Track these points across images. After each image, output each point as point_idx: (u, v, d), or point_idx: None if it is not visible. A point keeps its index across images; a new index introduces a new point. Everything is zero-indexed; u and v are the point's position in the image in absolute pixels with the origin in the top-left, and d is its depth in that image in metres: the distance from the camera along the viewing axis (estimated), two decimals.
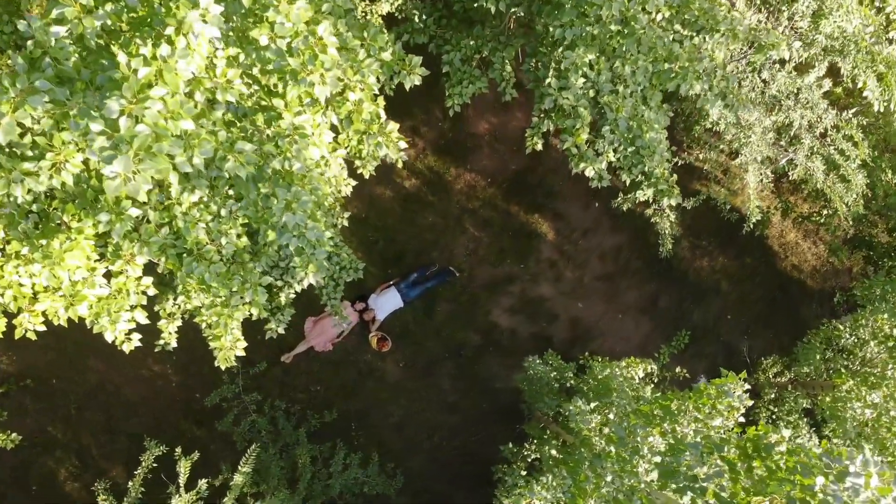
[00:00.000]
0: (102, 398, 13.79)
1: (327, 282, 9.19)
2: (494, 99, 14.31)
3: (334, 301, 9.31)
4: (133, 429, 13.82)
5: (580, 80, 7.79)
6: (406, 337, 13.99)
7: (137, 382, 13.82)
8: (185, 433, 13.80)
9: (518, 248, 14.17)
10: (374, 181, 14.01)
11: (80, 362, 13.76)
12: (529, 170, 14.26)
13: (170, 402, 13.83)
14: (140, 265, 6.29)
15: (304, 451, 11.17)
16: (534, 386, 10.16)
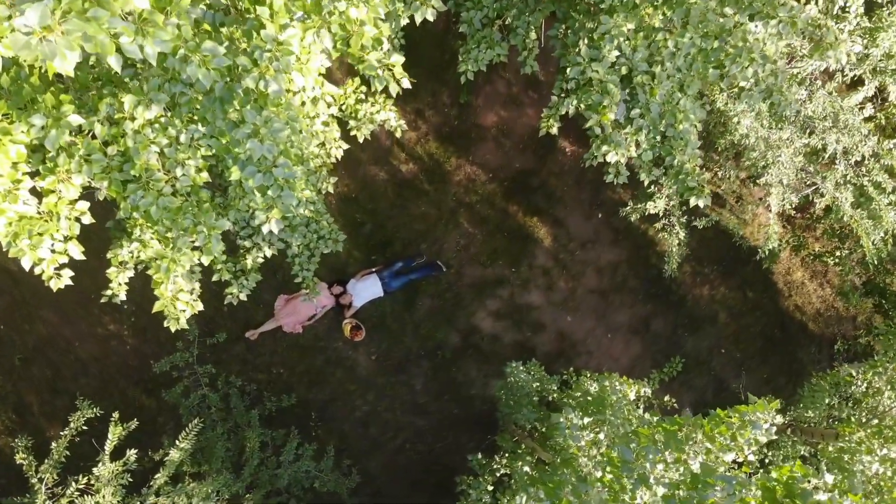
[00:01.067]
0: (51, 353, 12.63)
1: (301, 250, 8.12)
2: (507, 91, 13.30)
3: (307, 273, 8.23)
4: (79, 389, 12.64)
5: (613, 52, 6.76)
6: (382, 329, 12.90)
7: (90, 341, 12.66)
8: (133, 401, 12.65)
9: (512, 250, 13.13)
10: (368, 161, 12.97)
11: (33, 312, 12.61)
12: (533, 170, 13.24)
13: (121, 366, 12.68)
14: (77, 186, 5.19)
15: (255, 435, 10.05)
16: (513, 395, 9.10)
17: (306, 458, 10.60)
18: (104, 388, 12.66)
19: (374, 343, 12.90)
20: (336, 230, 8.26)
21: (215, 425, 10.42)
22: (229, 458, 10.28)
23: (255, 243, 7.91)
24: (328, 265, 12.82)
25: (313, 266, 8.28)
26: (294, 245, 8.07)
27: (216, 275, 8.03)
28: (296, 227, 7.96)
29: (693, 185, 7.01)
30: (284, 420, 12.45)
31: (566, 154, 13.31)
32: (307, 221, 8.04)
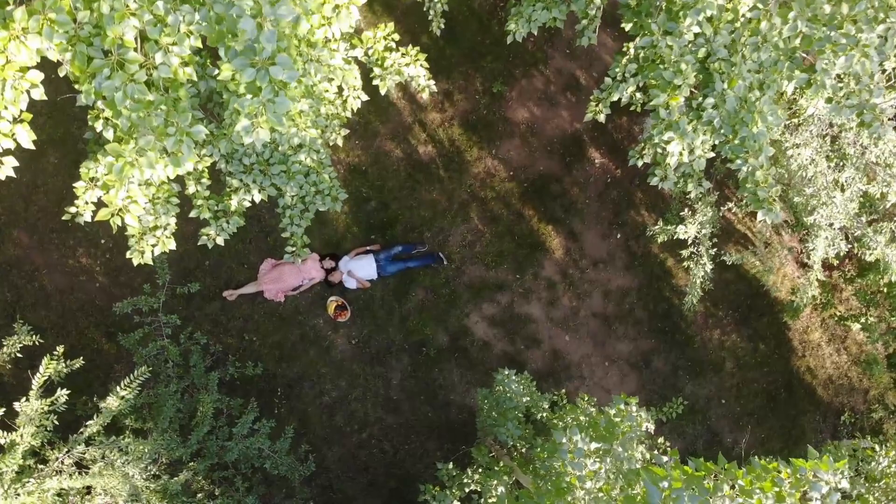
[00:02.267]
0: (15, 277, 11.58)
1: (295, 202, 7.09)
2: (543, 88, 12.31)
3: (297, 229, 7.21)
4: (37, 321, 11.58)
5: (694, 28, 5.75)
6: (367, 313, 11.85)
7: (59, 272, 11.62)
8: (91, 342, 11.59)
9: (519, 256, 12.10)
10: (386, 135, 11.97)
11: (4, 230, 11.58)
12: (557, 177, 12.23)
13: (86, 304, 11.63)
14: (32, 50, 4.17)
15: (210, 399, 8.98)
16: (498, 406, 8.04)
17: (262, 434, 9.52)
18: (63, 324, 11.61)
19: (356, 327, 11.85)
20: (337, 187, 7.24)
21: (169, 381, 9.35)
22: (178, 420, 9.21)
23: (245, 184, 6.89)
24: (323, 237, 11.80)
25: (305, 222, 7.25)
26: (288, 195, 7.04)
27: (195, 210, 7.00)
28: (293, 175, 6.94)
29: (763, 197, 5.99)
30: (246, 390, 11.39)
31: (594, 165, 12.32)
32: (307, 171, 7.02)
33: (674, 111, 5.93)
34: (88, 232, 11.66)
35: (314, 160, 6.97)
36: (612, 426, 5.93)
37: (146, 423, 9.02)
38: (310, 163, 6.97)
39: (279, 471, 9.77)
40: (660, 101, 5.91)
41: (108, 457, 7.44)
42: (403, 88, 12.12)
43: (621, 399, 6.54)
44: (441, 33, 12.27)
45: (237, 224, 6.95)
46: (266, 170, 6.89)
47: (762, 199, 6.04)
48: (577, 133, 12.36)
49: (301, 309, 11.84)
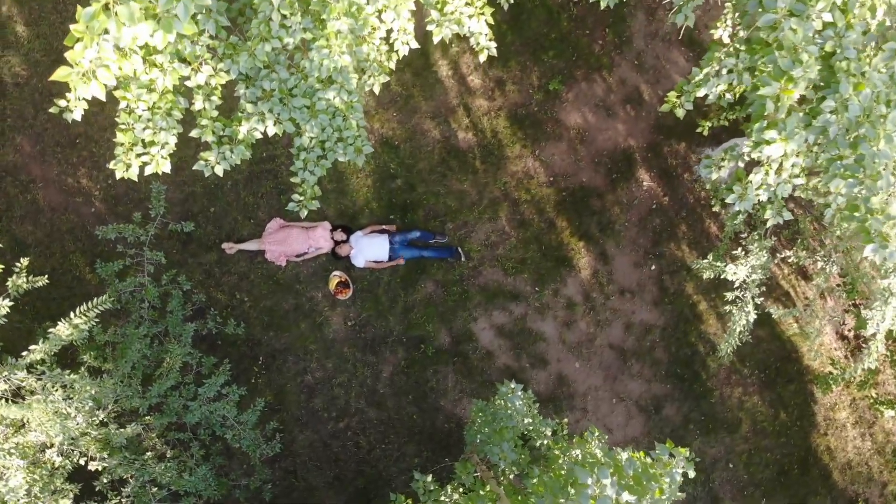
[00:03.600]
0: (9, 185, 10.68)
1: (314, 145, 6.08)
2: (603, 95, 11.29)
3: (310, 177, 6.21)
4: (22, 235, 10.67)
5: (825, 15, 4.70)
6: (370, 296, 10.84)
7: (55, 188, 10.71)
8: (73, 269, 10.66)
9: (542, 268, 11.05)
10: (427, 112, 10.98)
11: (8, 133, 10.69)
12: (599, 192, 11.19)
13: (76, 228, 10.71)
14: None
15: (180, 352, 7.99)
16: (495, 422, 6.99)
17: (230, 401, 8.51)
18: (48, 244, 10.69)
19: (355, 308, 10.83)
20: (364, 138, 6.23)
21: (141, 323, 8.36)
22: (141, 367, 8.23)
23: (260, 112, 5.90)
24: (339, 207, 10.82)
25: (320, 171, 6.25)
26: (307, 135, 6.05)
27: (197, 129, 6.02)
28: (317, 113, 5.95)
29: (876, 230, 4.91)
30: (225, 352, 10.41)
31: (641, 187, 11.26)
32: (334, 112, 6.02)
33: (784, 106, 4.87)
34: (94, 153, 10.76)
35: (344, 101, 5.97)
36: (646, 478, 4.87)
37: (106, 362, 8.03)
38: (338, 103, 5.98)
39: (241, 445, 8.75)
40: (770, 90, 4.84)
41: (48, 390, 6.45)
42: (454, 65, 11.15)
43: (667, 448, 5.45)
44: (505, 17, 11.31)
45: (242, 155, 5.96)
46: (287, 100, 5.90)
47: (874, 231, 4.96)
48: (629, 150, 11.32)
49: (301, 278, 10.85)
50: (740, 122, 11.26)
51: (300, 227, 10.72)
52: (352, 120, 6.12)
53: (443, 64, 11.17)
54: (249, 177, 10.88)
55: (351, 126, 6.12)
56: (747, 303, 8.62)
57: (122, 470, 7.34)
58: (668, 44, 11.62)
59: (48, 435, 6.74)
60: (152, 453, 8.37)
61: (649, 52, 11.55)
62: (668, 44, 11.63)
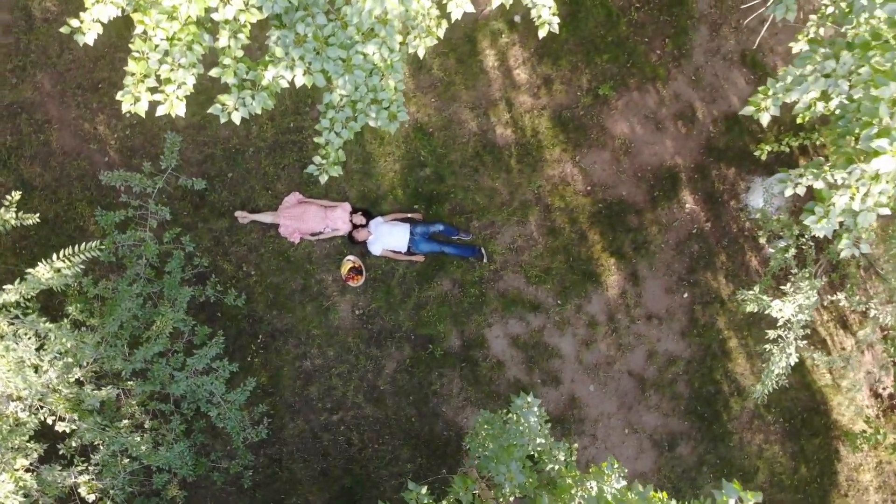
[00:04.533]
0: (23, 122, 10.11)
1: (344, 104, 5.40)
2: (655, 108, 10.56)
3: (335, 139, 5.53)
4: (30, 176, 10.10)
5: None
6: (382, 287, 10.15)
7: (70, 131, 10.14)
8: (78, 217, 10.08)
9: (568, 280, 10.32)
10: (467, 102, 10.31)
11: (30, 70, 10.15)
12: (638, 209, 10.46)
13: (86, 175, 10.13)
14: None
15: (172, 317, 7.32)
16: (503, 438, 6.26)
17: (220, 377, 7.83)
18: (55, 189, 10.11)
19: (365, 297, 10.14)
20: (401, 103, 5.55)
21: (135, 280, 7.70)
22: (130, 328, 7.57)
23: (291, 58, 5.22)
24: (362, 189, 10.15)
25: (348, 134, 5.57)
26: (338, 91, 5.37)
27: (217, 69, 5.35)
28: (352, 68, 5.27)
29: None
30: (221, 323, 9.77)
31: (683, 209, 10.52)
32: (371, 69, 5.34)
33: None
34: (115, 100, 10.13)
35: (384, 59, 5.29)
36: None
37: (92, 317, 7.38)
38: (377, 60, 5.30)
39: (225, 425, 8.06)
40: (887, 92, 4.11)
41: (20, 336, 5.80)
42: (502, 56, 10.47)
43: (735, 490, 4.67)
44: (561, 13, 10.61)
45: (263, 103, 5.29)
46: (321, 50, 5.23)
47: None
48: (675, 168, 10.57)
49: (313, 258, 10.18)
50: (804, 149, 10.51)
51: (319, 204, 10.07)
52: (390, 81, 5.44)
53: (490, 54, 10.50)
54: (274, 146, 10.25)
55: (388, 87, 5.44)
56: (789, 344, 7.84)
57: (92, 435, 6.67)
58: (729, 63, 10.89)
59: (13, 387, 6.09)
60: (129, 421, 7.71)
61: (708, 69, 10.82)
62: (730, 63, 10.89)
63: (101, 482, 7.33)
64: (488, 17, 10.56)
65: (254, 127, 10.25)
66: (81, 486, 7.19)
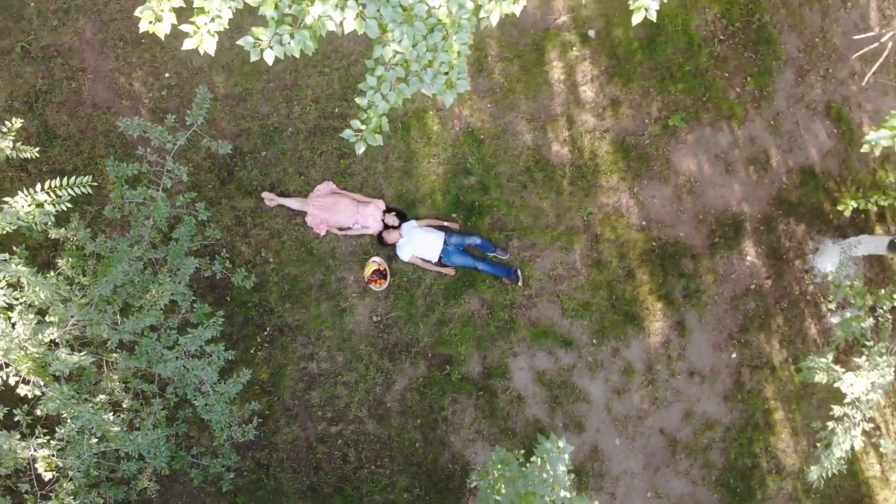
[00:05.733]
0: (56, 67, 9.43)
1: (396, 61, 4.53)
2: (726, 148, 9.61)
3: (381, 102, 4.65)
4: (55, 124, 9.38)
5: None
6: (405, 295, 9.23)
7: (105, 83, 9.45)
8: (97, 174, 9.30)
9: (607, 320, 9.31)
10: (524, 113, 9.44)
11: (73, 13, 9.46)
12: (695, 253, 9.46)
13: (114, 131, 9.39)
14: None
15: (170, 288, 6.44)
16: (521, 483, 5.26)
17: (212, 364, 6.92)
18: (78, 141, 9.37)
19: (386, 304, 9.22)
20: (463, 71, 4.66)
21: (138, 242, 6.85)
22: (124, 294, 6.71)
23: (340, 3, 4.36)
24: (400, 189, 9.29)
25: (396, 98, 4.68)
26: (392, 45, 4.50)
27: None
28: (413, 19, 4.40)
29: None
30: (227, 305, 8.90)
31: (743, 261, 9.49)
32: (434, 24, 4.46)
33: None
34: (156, 58, 9.45)
35: (451, 14, 4.41)
36: None
37: (83, 275, 6.53)
38: (443, 15, 4.43)
39: (211, 418, 7.13)
40: None
41: None
42: (569, 70, 9.59)
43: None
44: (639, 34, 9.76)
45: (303, 44, 4.42)
46: None
47: None
48: (740, 216, 9.57)
49: (337, 253, 9.29)
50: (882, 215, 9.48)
51: (352, 198, 9.21)
52: (454, 42, 4.55)
53: (557, 66, 9.64)
54: (314, 130, 9.44)
55: (450, 49, 4.55)
56: (856, 424, 6.76)
57: (56, 405, 5.78)
58: (812, 112, 9.92)
59: None
60: (107, 397, 6.82)
61: (789, 116, 9.86)
62: (813, 113, 9.92)
63: (63, 460, 6.42)
64: (561, 27, 9.71)
65: (296, 106, 9.47)
66: (39, 461, 6.30)
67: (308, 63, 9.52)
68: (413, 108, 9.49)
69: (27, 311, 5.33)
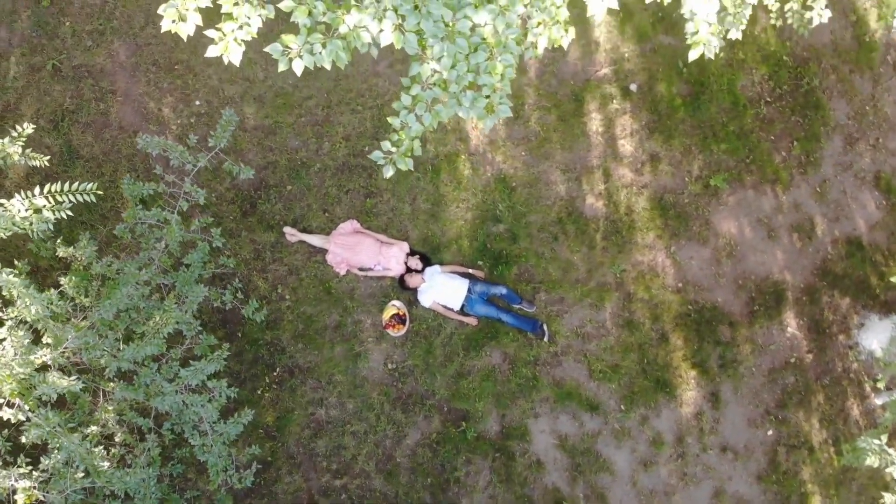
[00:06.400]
0: (85, 87, 9.25)
1: (434, 81, 4.13)
2: (769, 214, 9.12)
3: (415, 124, 4.24)
4: (78, 144, 9.13)
5: None
6: (423, 344, 8.71)
7: (133, 107, 9.26)
8: (116, 198, 9.00)
9: (637, 385, 8.71)
10: (557, 163, 9.06)
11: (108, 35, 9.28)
12: (733, 321, 8.89)
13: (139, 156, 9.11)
14: None
15: (176, 315, 5.99)
16: None
17: (215, 400, 6.41)
18: (101, 163, 9.11)
19: (402, 351, 8.70)
20: (506, 95, 4.24)
21: (147, 265, 6.44)
22: (127, 320, 6.26)
23: (382, 7, 4.00)
24: (424, 232, 8.88)
25: (431, 120, 4.27)
26: (430, 63, 4.11)
27: (287, 2, 4.14)
28: (455, 35, 4.01)
29: None
30: (237, 342, 8.42)
31: (784, 332, 8.88)
32: (478, 44, 4.07)
33: None
34: (187, 85, 9.23)
35: (498, 33, 4.02)
36: None
37: (86, 296, 6.11)
38: (488, 34, 4.04)
39: (206, 459, 6.57)
40: None
41: None
42: (608, 123, 9.22)
43: None
44: (682, 90, 9.39)
45: (335, 55, 4.04)
46: (422, 5, 3.99)
47: None
48: (782, 284, 9.01)
49: (356, 294, 8.83)
50: None
51: (375, 238, 8.79)
52: (498, 63, 4.15)
53: (596, 117, 9.27)
54: (342, 167, 9.11)
55: (494, 71, 4.14)
56: None
57: (40, 432, 5.28)
58: (860, 182, 9.42)
59: None
60: (98, 429, 6.32)
61: (836, 184, 9.37)
62: (861, 182, 9.43)
63: (45, 494, 5.89)
64: (602, 79, 9.38)
65: (326, 143, 9.16)
66: (19, 493, 5.77)
67: (342, 100, 9.24)
68: (444, 151, 9.14)
69: (18, 327, 4.90)
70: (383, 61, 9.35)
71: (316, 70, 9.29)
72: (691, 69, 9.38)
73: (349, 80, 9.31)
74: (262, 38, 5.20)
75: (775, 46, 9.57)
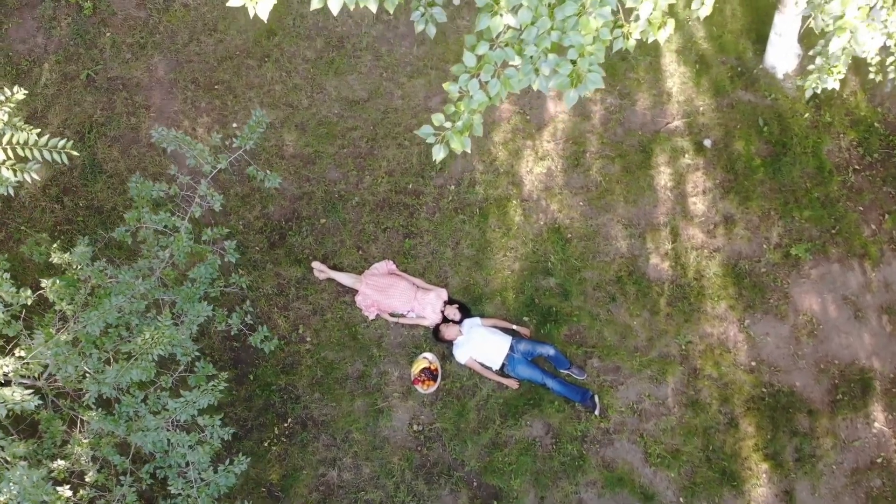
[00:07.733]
0: (119, 100, 8.54)
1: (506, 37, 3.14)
2: (856, 291, 7.90)
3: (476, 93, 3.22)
4: (104, 157, 8.39)
5: None
6: (455, 405, 7.52)
7: (167, 124, 8.51)
8: None
9: (700, 475, 7.36)
10: (619, 217, 8.06)
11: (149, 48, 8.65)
12: (812, 409, 7.57)
13: (164, 174, 8.29)
14: None
15: (171, 336, 4.94)
16: None
17: (208, 441, 5.27)
18: (124, 178, 8.32)
19: (431, 411, 7.50)
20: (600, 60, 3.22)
21: (146, 275, 5.43)
22: (115, 337, 5.23)
23: None
24: (466, 281, 7.83)
25: (498, 87, 3.27)
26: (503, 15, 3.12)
27: None
28: None
29: None
30: (248, 385, 7.31)
31: (870, 428, 7.51)
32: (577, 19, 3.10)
33: None
34: (226, 106, 8.52)
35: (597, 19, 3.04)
36: None
37: (73, 305, 5.11)
38: None
39: None
40: None
41: None
42: (679, 178, 8.19)
43: None
44: (762, 150, 8.37)
45: None
46: None
47: None
48: (869, 372, 7.68)
49: (384, 343, 7.72)
50: None
51: (411, 282, 7.76)
52: (591, 20, 3.15)
53: (664, 171, 8.27)
54: (382, 203, 8.18)
55: (587, 30, 3.14)
56: None
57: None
58: None
59: None
60: (67, 464, 5.22)
61: None
62: None
63: None
64: (673, 132, 8.41)
65: (367, 176, 8.28)
66: None
67: (388, 133, 8.42)
68: (495, 195, 8.18)
69: None
70: (436, 97, 8.53)
71: (364, 99, 8.54)
72: (772, 128, 8.39)
73: (398, 113, 8.51)
74: None
75: (865, 111, 8.55)
